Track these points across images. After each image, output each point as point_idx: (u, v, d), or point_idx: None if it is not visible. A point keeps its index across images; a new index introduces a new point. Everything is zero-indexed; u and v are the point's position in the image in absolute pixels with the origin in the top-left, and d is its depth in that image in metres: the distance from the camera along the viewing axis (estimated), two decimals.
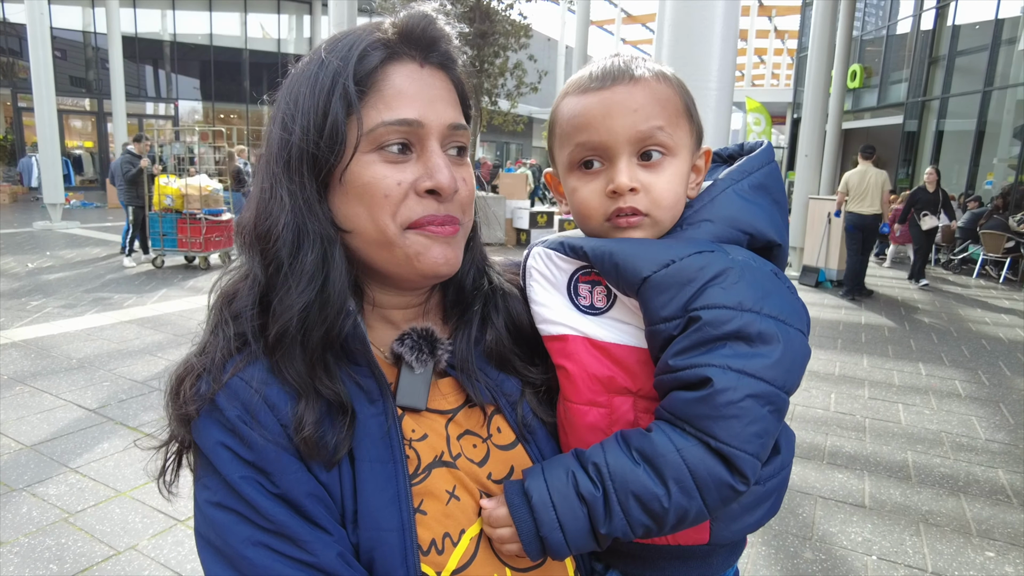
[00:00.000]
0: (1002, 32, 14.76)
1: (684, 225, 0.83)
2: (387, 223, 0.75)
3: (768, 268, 0.80)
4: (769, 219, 0.84)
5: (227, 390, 0.72)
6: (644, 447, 0.73)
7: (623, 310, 0.83)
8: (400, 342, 0.82)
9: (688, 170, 0.85)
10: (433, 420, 0.82)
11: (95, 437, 4.25)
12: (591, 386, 0.82)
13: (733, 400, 0.71)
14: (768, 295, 0.76)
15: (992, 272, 11.79)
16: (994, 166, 15.64)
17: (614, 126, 0.81)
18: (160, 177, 10.35)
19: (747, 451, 0.71)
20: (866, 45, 21.52)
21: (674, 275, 0.75)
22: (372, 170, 0.75)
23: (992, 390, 5.74)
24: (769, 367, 0.72)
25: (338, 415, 0.73)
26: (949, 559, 3.23)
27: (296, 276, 0.74)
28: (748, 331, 0.73)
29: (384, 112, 0.75)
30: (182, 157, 11.95)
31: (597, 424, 0.82)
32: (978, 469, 4.21)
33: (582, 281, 0.85)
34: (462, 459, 0.81)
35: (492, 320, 0.89)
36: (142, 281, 9.20)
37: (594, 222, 0.85)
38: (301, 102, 0.75)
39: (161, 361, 5.76)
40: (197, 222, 9.96)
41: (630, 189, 0.81)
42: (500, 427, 0.86)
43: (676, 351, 0.74)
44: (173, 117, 24.64)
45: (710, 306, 0.73)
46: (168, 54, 24.64)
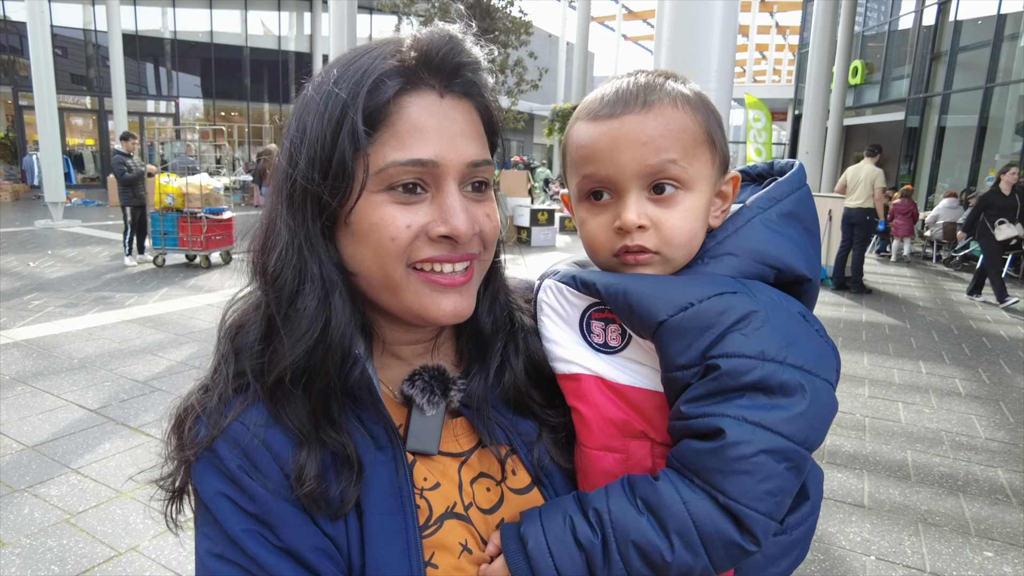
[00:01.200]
0: (1004, 27, 14.71)
1: (706, 258, 0.78)
2: (393, 267, 0.71)
3: (795, 310, 0.74)
4: (799, 251, 0.78)
5: (227, 436, 0.69)
6: (649, 496, 0.69)
7: (639, 350, 0.78)
8: (410, 383, 0.78)
9: (707, 203, 0.79)
10: (446, 464, 0.78)
11: (96, 437, 4.26)
12: (606, 430, 0.78)
13: (745, 455, 0.66)
14: (794, 342, 0.70)
15: None
16: (996, 162, 15.59)
17: (621, 160, 0.76)
18: (161, 176, 10.35)
19: (758, 510, 0.66)
20: (868, 41, 21.45)
21: (692, 320, 0.70)
22: (380, 211, 0.70)
23: (992, 388, 5.74)
24: (788, 420, 0.67)
25: (344, 466, 0.70)
26: (947, 559, 3.24)
27: (295, 321, 0.70)
28: (769, 382, 0.68)
29: (396, 151, 0.69)
30: (185, 156, 11.94)
31: (612, 470, 0.78)
32: (977, 468, 4.21)
33: (595, 318, 0.81)
34: (474, 509, 0.78)
35: (511, 363, 0.84)
36: (143, 280, 9.21)
37: (602, 257, 0.81)
38: (308, 134, 0.70)
39: (162, 361, 5.77)
40: (198, 221, 9.97)
41: (638, 226, 0.75)
42: (515, 469, 0.82)
43: (690, 398, 0.70)
44: (174, 115, 24.64)
45: (730, 355, 0.69)
46: (169, 51, 24.63)
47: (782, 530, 0.74)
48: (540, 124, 25.32)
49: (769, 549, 0.74)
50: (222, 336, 0.77)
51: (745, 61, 36.13)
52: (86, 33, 22.72)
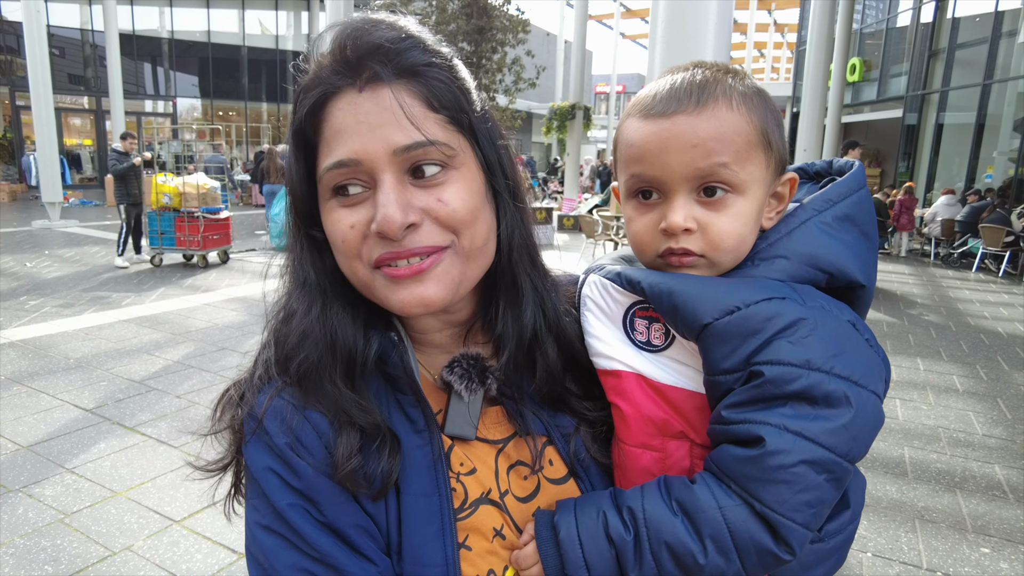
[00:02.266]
0: (1002, 24, 14.71)
1: (756, 260, 0.76)
2: (356, 266, 0.73)
3: (846, 318, 0.72)
4: (855, 256, 0.75)
5: (275, 414, 0.72)
6: (685, 499, 0.69)
7: (682, 350, 0.77)
8: (450, 369, 0.79)
9: (759, 206, 0.77)
10: (483, 451, 0.80)
11: (92, 437, 4.25)
12: (645, 428, 0.78)
13: (785, 464, 0.65)
14: (842, 352, 0.69)
15: (992, 266, 11.77)
16: (994, 159, 15.59)
17: (670, 162, 0.74)
18: (158, 175, 10.33)
19: (795, 520, 0.66)
20: (866, 38, 21.44)
21: (738, 324, 0.69)
22: (332, 217, 0.73)
23: (990, 385, 5.73)
24: (831, 432, 0.66)
25: (382, 445, 0.72)
26: (944, 555, 3.23)
27: (299, 319, 0.75)
28: (813, 392, 0.67)
29: (325, 157, 0.71)
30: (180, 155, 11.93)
31: (650, 468, 0.77)
32: (974, 465, 4.21)
33: (639, 316, 0.80)
34: (510, 497, 0.79)
35: (547, 354, 0.83)
36: (140, 280, 9.20)
37: (646, 256, 0.80)
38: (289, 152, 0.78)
39: (159, 360, 5.76)
40: (195, 220, 9.96)
41: (684, 229, 0.74)
42: (552, 460, 0.82)
43: (732, 403, 0.69)
44: (172, 114, 24.61)
45: (775, 362, 0.67)
46: (166, 51, 24.58)
47: (819, 538, 0.73)
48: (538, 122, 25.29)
49: (805, 557, 0.72)
50: (272, 317, 0.82)
51: (743, 59, 36.13)
52: (83, 33, 22.67)
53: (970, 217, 12.33)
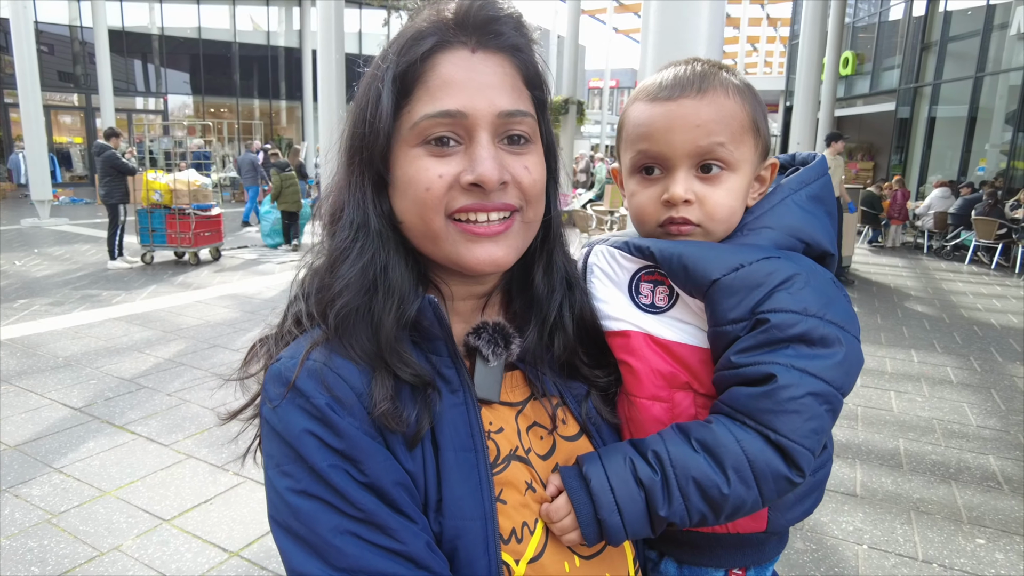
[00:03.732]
0: (994, 17, 14.72)
1: (745, 230, 0.86)
2: (431, 217, 0.74)
3: (828, 276, 0.83)
4: (824, 230, 0.87)
5: (311, 375, 0.71)
6: (705, 437, 0.76)
7: (684, 310, 0.85)
8: (476, 335, 0.81)
9: (747, 184, 0.87)
10: (504, 412, 0.83)
11: (80, 436, 4.20)
12: (654, 381, 0.84)
13: (795, 396, 0.74)
14: (831, 302, 0.79)
15: (984, 258, 11.80)
16: (986, 152, 15.63)
17: (675, 140, 0.83)
18: (148, 172, 10.23)
19: (805, 445, 0.74)
20: (858, 32, 21.44)
21: (743, 279, 0.78)
22: (417, 164, 0.74)
23: (984, 376, 5.74)
24: (829, 368, 0.75)
25: (417, 391, 0.74)
26: (940, 547, 3.23)
27: (353, 263, 0.76)
28: (812, 335, 0.76)
29: (427, 104, 0.73)
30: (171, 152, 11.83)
31: (660, 417, 0.84)
32: (969, 456, 4.20)
33: (644, 280, 0.88)
34: (532, 454, 0.82)
35: (564, 324, 0.87)
36: (131, 278, 9.12)
37: (648, 227, 0.89)
38: (360, 95, 0.78)
39: (150, 358, 5.71)
40: (186, 217, 9.88)
41: (684, 200, 0.84)
42: (565, 419, 0.87)
43: (740, 349, 0.77)
44: (163, 111, 24.43)
45: (778, 310, 0.76)
46: (156, 48, 24.38)
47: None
48: None
49: (798, 489, 0.80)
50: (303, 277, 0.83)
51: (736, 53, 36.12)
52: (72, 29, 22.44)
53: (963, 210, 12.36)
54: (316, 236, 0.84)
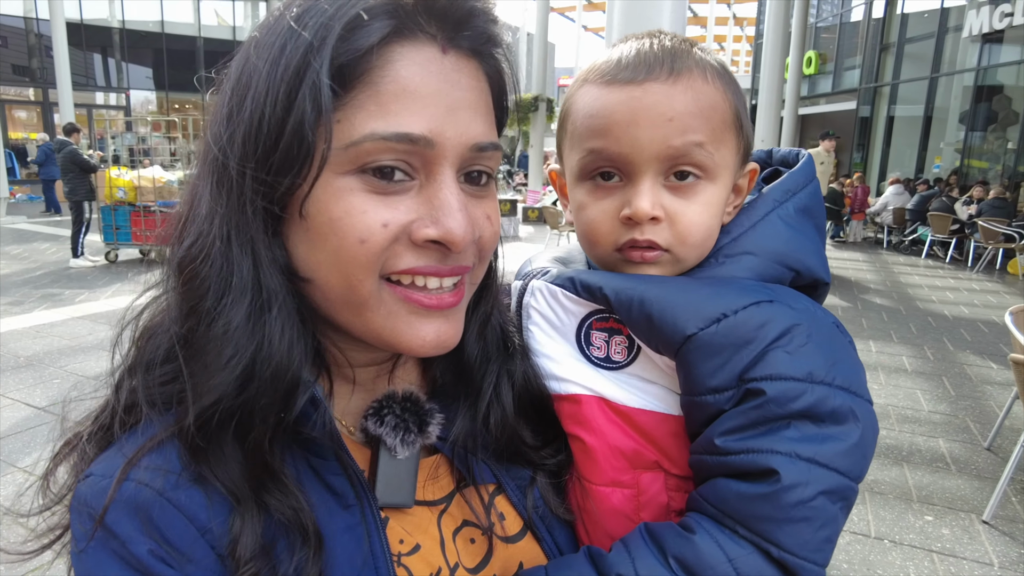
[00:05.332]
0: (948, 20, 15.23)
1: (720, 257, 0.68)
2: (361, 278, 0.54)
3: (829, 320, 0.65)
4: (816, 251, 0.70)
5: (129, 507, 0.51)
6: (686, 555, 0.58)
7: (648, 365, 0.67)
8: (377, 418, 0.61)
9: (726, 196, 0.69)
10: (422, 517, 0.64)
11: (44, 436, 4.13)
12: (613, 462, 0.67)
13: (804, 499, 0.56)
14: (838, 360, 0.61)
15: (939, 252, 12.23)
16: (941, 150, 16.19)
17: (640, 137, 0.64)
18: (111, 169, 10.02)
19: (816, 562, 0.57)
20: (821, 32, 21.97)
21: (727, 334, 0.60)
22: (347, 201, 0.53)
23: (936, 365, 5.98)
24: (843, 454, 0.58)
25: (297, 535, 0.54)
26: (891, 524, 3.38)
27: (217, 343, 0.53)
28: (819, 409, 0.58)
29: (376, 119, 0.52)
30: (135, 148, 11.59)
31: (622, 508, 0.67)
32: (920, 439, 4.40)
33: (596, 328, 0.70)
34: (460, 571, 0.64)
35: (501, 399, 0.68)
36: (94, 276, 8.93)
37: (601, 250, 0.69)
38: (252, 88, 0.53)
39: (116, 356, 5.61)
40: (152, 215, 9.70)
41: (651, 218, 0.65)
42: (504, 512, 0.68)
43: (727, 429, 0.60)
44: (125, 107, 23.85)
45: (775, 376, 0.59)
46: (117, 41, 23.79)
47: None
48: None
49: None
50: (134, 340, 0.60)
51: None
52: (27, 22, 21.78)
53: (919, 205, 12.80)
54: (151, 280, 0.62)
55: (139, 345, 0.59)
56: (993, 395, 5.20)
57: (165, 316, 0.59)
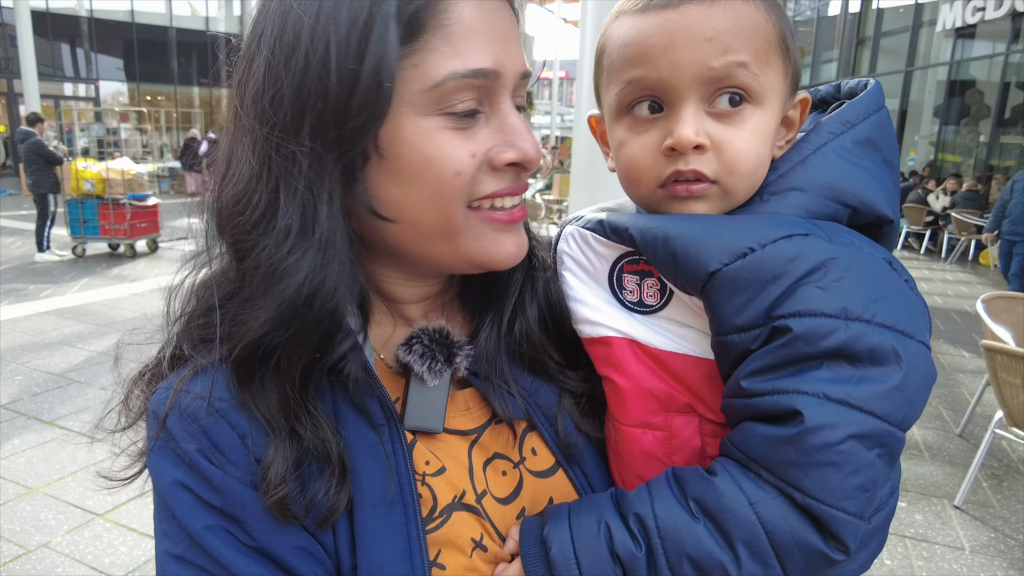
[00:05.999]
0: (923, 14, 15.42)
1: (765, 195, 0.64)
2: (455, 209, 0.59)
3: (880, 256, 0.61)
4: (879, 186, 0.64)
5: (182, 412, 0.58)
6: (705, 497, 0.56)
7: (682, 308, 0.66)
8: (407, 347, 0.65)
9: (776, 125, 0.65)
10: (453, 444, 0.67)
11: (6, 433, 4.00)
12: (645, 404, 0.66)
13: (830, 442, 0.53)
14: (883, 296, 0.57)
15: (914, 244, 12.41)
16: (916, 143, 16.42)
17: (679, 59, 0.61)
18: (78, 161, 9.76)
19: (847, 510, 0.54)
20: (799, 26, 22.14)
21: (754, 269, 0.57)
22: (438, 139, 0.57)
23: None
24: (881, 396, 0.54)
25: (328, 466, 0.58)
26: None
27: (276, 281, 0.56)
28: (855, 347, 0.55)
29: (451, 58, 0.56)
30: None
31: (653, 451, 0.66)
32: None
33: (628, 271, 0.68)
34: (488, 499, 0.66)
35: (524, 309, 0.72)
36: (61, 271, 8.69)
37: (644, 188, 0.66)
38: (322, 19, 0.54)
39: (81, 352, 5.46)
40: (121, 208, 9.47)
41: (695, 146, 0.61)
42: (536, 448, 0.70)
43: (753, 370, 0.57)
44: (94, 98, 23.30)
45: (803, 313, 0.55)
46: (86, 31, 23.20)
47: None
48: None
49: None
50: (189, 292, 0.66)
51: None
52: None
53: None
54: (199, 239, 0.66)
55: (199, 295, 0.65)
56: (965, 383, 5.27)
57: (218, 271, 0.65)
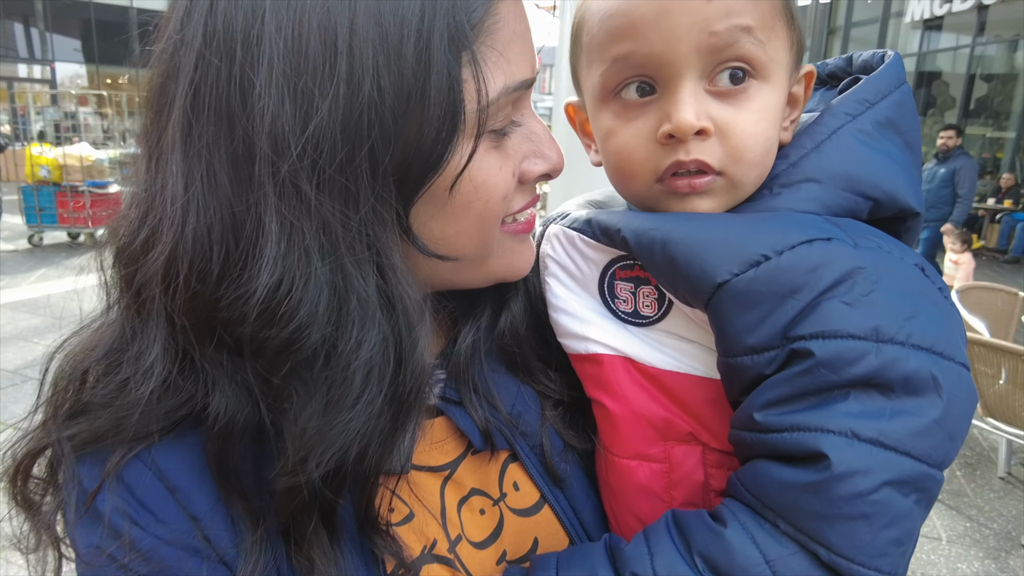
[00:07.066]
0: (891, 5, 15.63)
1: (776, 187, 0.56)
2: (492, 231, 0.55)
3: (911, 261, 0.53)
4: (903, 174, 0.56)
5: (125, 479, 0.50)
6: (714, 553, 0.49)
7: (683, 320, 0.58)
8: None
9: (783, 103, 0.57)
10: (423, 484, 0.59)
11: None
12: (640, 432, 0.59)
13: (862, 491, 0.45)
14: (918, 312, 0.49)
15: None
16: None
17: (675, 28, 0.52)
18: (32, 146, 9.35)
19: (881, 569, 0.46)
20: None
21: (768, 280, 0.49)
22: (485, 165, 0.51)
23: None
24: (920, 433, 0.47)
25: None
26: None
27: (337, 389, 0.46)
28: (888, 375, 0.47)
29: (502, 69, 0.50)
30: None
31: (649, 486, 0.58)
32: None
33: (620, 277, 0.60)
34: (464, 545, 0.59)
35: (510, 303, 0.65)
36: (16, 261, 8.34)
37: (638, 184, 0.58)
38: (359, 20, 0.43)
39: (38, 348, 5.22)
40: (80, 195, 9.10)
41: (697, 132, 0.53)
42: (519, 481, 0.63)
43: (768, 401, 0.50)
44: (50, 80, 22.43)
45: (828, 334, 0.48)
46: (40, 11, 22.28)
47: None
48: None
49: None
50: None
51: None
52: None
53: None
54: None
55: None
56: None
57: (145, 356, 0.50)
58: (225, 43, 0.43)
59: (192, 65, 0.44)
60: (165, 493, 0.49)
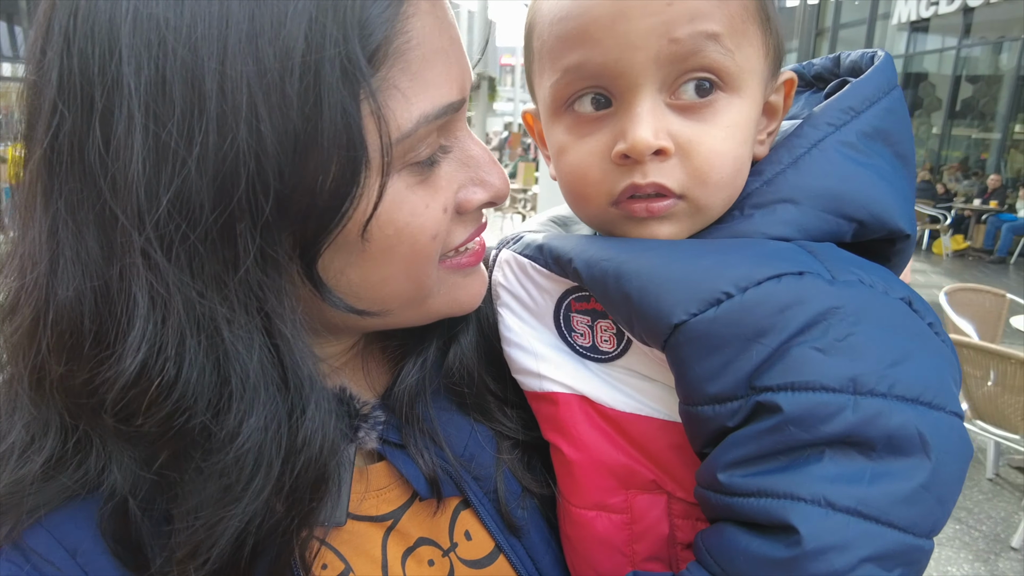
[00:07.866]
0: (878, 7, 15.74)
1: (748, 208, 0.51)
2: (428, 272, 0.50)
3: (897, 295, 0.48)
4: (892, 191, 0.50)
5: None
6: None
7: (644, 357, 0.53)
8: None
9: (757, 116, 0.52)
10: (362, 535, 0.54)
11: None
12: (599, 481, 0.54)
13: (838, 570, 0.40)
14: (905, 357, 0.44)
15: None
16: None
17: (631, 33, 0.46)
18: (16, 146, 9.22)
19: None
20: None
21: (731, 321, 0.44)
22: (408, 202, 0.45)
23: None
24: (905, 500, 0.42)
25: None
26: None
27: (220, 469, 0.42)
28: (868, 433, 0.42)
29: (418, 96, 0.43)
30: None
31: (610, 538, 0.54)
32: None
33: (576, 309, 0.55)
34: None
35: (458, 336, 0.61)
36: None
37: (593, 206, 0.53)
38: (230, 56, 0.37)
39: None
40: None
41: (655, 151, 0.48)
42: (471, 530, 0.58)
43: (733, 461, 0.45)
44: None
45: (798, 385, 0.43)
46: (24, 9, 22.01)
47: None
48: None
49: None
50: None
51: None
52: None
53: None
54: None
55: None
56: None
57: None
58: (82, 88, 0.38)
59: (49, 110, 0.39)
60: (65, 555, 0.44)
